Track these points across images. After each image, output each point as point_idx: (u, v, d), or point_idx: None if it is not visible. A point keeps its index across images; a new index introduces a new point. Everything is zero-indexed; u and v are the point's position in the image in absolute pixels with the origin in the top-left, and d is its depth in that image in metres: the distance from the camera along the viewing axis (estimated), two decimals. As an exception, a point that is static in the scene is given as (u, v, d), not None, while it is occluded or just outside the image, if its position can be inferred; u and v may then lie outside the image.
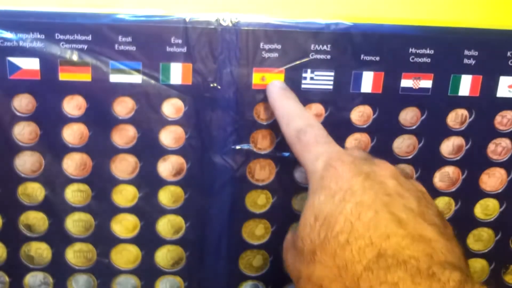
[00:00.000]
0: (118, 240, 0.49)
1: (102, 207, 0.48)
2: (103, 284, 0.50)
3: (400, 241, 0.31)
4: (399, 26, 0.45)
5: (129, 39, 0.43)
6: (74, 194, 0.47)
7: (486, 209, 0.51)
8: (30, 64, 0.43)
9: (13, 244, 0.49)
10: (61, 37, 0.43)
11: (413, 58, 0.46)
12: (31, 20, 0.43)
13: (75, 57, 0.43)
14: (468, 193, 0.50)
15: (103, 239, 0.49)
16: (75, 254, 0.49)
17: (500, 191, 0.50)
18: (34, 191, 0.47)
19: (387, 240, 0.31)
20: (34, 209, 0.48)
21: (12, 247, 0.49)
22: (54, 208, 0.48)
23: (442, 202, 0.50)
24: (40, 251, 0.49)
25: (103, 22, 0.43)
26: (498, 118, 0.48)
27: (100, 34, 0.43)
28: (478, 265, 0.52)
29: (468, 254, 0.52)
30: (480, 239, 0.52)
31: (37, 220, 0.48)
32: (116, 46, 0.43)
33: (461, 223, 0.51)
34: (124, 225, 0.49)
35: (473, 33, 0.46)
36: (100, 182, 0.47)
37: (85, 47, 0.43)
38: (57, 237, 0.48)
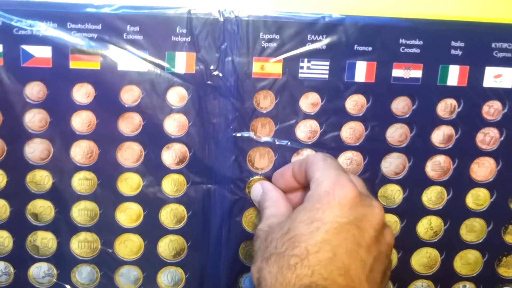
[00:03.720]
0: (122, 230, 0.50)
1: (107, 196, 0.49)
2: (106, 276, 0.51)
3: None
4: (390, 18, 0.48)
5: (137, 28, 0.46)
6: (81, 182, 0.49)
7: (477, 199, 0.52)
8: (42, 52, 0.46)
9: (20, 234, 0.50)
10: (73, 26, 0.45)
11: (403, 49, 0.48)
12: (45, 9, 0.45)
13: (85, 46, 0.46)
14: (460, 182, 0.52)
15: (107, 229, 0.50)
16: (79, 244, 0.50)
17: (490, 180, 0.52)
18: (42, 179, 0.48)
19: (323, 280, 0.36)
20: (41, 198, 0.49)
21: (19, 237, 0.50)
22: (61, 196, 0.49)
23: (435, 192, 0.51)
24: (46, 241, 0.50)
25: (113, 11, 0.45)
26: (485, 108, 0.50)
27: (110, 24, 0.46)
28: (472, 257, 0.53)
29: (462, 245, 0.53)
30: (473, 229, 0.53)
31: (43, 209, 0.49)
32: (124, 35, 0.46)
33: (454, 214, 0.52)
34: (128, 214, 0.50)
35: (460, 25, 0.48)
36: (106, 170, 0.49)
37: (95, 36, 0.46)
38: (63, 226, 0.50)
